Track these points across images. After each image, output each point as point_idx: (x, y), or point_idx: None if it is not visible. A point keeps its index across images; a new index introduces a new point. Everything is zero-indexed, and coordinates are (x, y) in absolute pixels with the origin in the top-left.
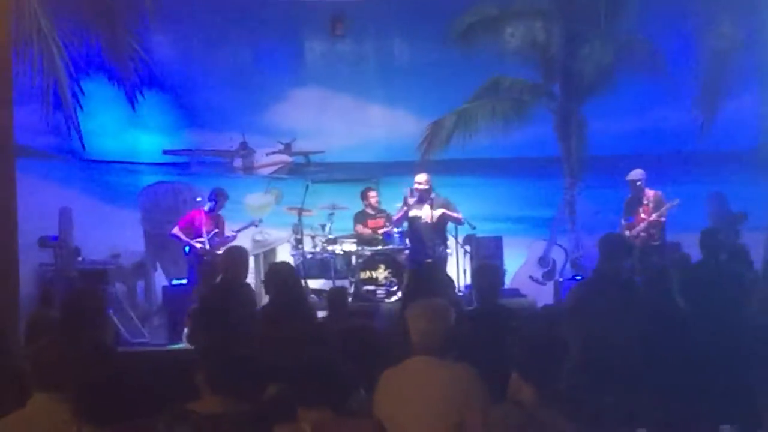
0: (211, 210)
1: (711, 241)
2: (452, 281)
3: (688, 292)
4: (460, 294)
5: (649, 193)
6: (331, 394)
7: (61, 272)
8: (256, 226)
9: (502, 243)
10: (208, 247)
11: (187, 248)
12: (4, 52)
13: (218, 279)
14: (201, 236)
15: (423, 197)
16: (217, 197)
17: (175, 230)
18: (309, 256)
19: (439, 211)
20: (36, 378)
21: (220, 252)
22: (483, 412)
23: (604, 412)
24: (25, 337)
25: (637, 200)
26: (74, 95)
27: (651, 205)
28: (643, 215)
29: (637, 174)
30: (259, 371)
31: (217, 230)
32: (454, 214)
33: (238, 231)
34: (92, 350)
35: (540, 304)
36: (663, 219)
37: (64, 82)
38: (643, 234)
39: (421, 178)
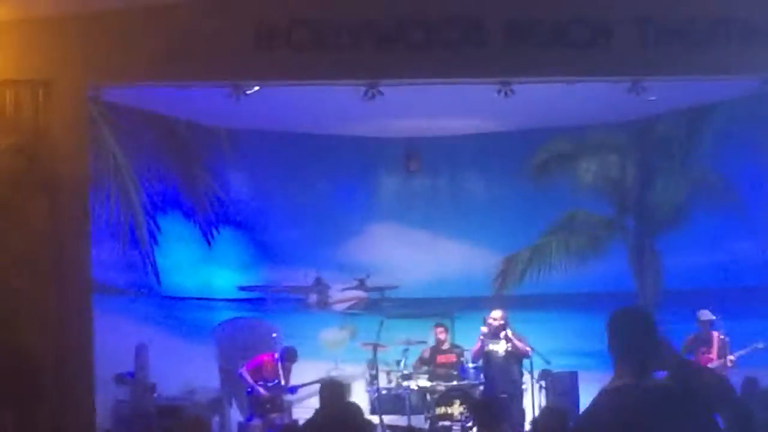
0: (280, 360)
1: None
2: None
3: None
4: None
5: (715, 334)
6: None
7: (137, 409)
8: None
9: (577, 378)
10: (267, 394)
11: (249, 389)
12: (82, 189)
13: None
14: (266, 381)
15: (498, 333)
16: (285, 357)
17: (243, 370)
18: (384, 391)
19: (504, 344)
20: None
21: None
22: None
23: None
24: None
25: (703, 340)
26: (150, 232)
27: (716, 347)
28: (707, 355)
29: (706, 314)
30: None
31: (282, 381)
32: (519, 344)
33: (302, 386)
34: None
35: None
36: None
37: (140, 219)
38: None
39: (496, 314)
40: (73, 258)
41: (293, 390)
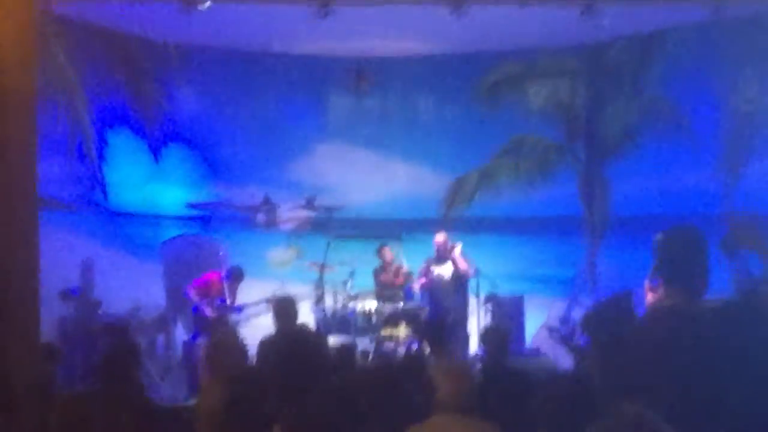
0: (226, 279)
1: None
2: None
3: None
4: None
5: None
6: None
7: (82, 325)
8: (268, 302)
9: (523, 302)
10: (213, 313)
11: (195, 308)
12: (29, 102)
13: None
14: (212, 300)
15: (443, 256)
16: (231, 276)
17: (189, 288)
18: (330, 312)
19: (450, 267)
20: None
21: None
22: None
23: None
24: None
25: None
26: (98, 147)
27: None
28: None
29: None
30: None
31: (227, 299)
32: (463, 264)
33: (246, 306)
34: (131, 406)
35: (559, 364)
36: None
37: (88, 133)
38: None
39: (440, 236)
40: (19, 173)
41: (239, 309)
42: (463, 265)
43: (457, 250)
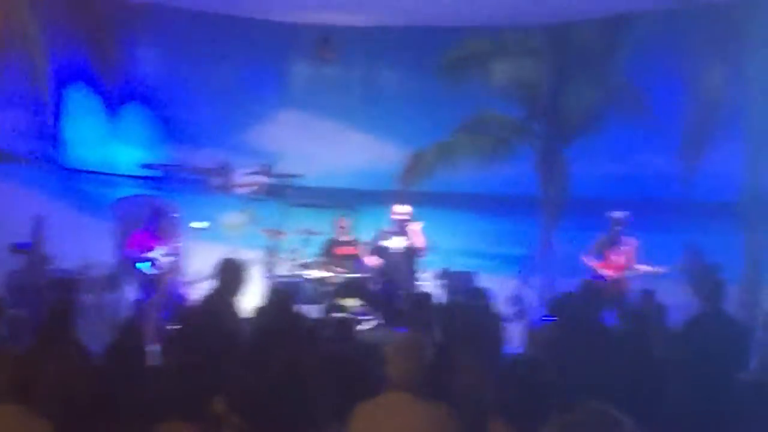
0: (151, 229)
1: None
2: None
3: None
4: None
5: (627, 239)
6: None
7: (31, 279)
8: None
9: (474, 278)
10: (152, 268)
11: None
12: None
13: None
14: (147, 255)
15: (399, 228)
16: (154, 217)
17: (127, 251)
18: (280, 279)
19: (403, 240)
20: (8, 389)
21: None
22: None
23: None
24: None
25: (612, 242)
26: (56, 102)
27: (626, 251)
28: (614, 258)
29: (621, 214)
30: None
31: (160, 247)
32: (418, 240)
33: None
34: (73, 363)
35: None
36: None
37: (46, 88)
38: (619, 282)
39: (401, 208)
40: None
41: (173, 252)
42: (417, 239)
43: (414, 225)
